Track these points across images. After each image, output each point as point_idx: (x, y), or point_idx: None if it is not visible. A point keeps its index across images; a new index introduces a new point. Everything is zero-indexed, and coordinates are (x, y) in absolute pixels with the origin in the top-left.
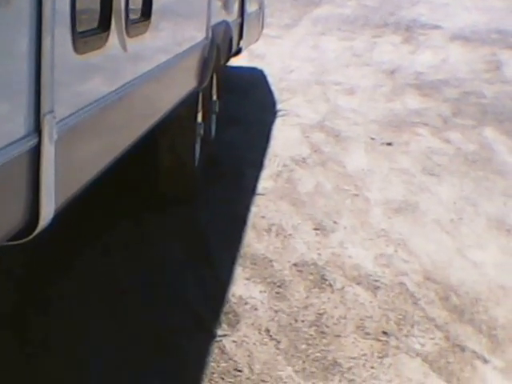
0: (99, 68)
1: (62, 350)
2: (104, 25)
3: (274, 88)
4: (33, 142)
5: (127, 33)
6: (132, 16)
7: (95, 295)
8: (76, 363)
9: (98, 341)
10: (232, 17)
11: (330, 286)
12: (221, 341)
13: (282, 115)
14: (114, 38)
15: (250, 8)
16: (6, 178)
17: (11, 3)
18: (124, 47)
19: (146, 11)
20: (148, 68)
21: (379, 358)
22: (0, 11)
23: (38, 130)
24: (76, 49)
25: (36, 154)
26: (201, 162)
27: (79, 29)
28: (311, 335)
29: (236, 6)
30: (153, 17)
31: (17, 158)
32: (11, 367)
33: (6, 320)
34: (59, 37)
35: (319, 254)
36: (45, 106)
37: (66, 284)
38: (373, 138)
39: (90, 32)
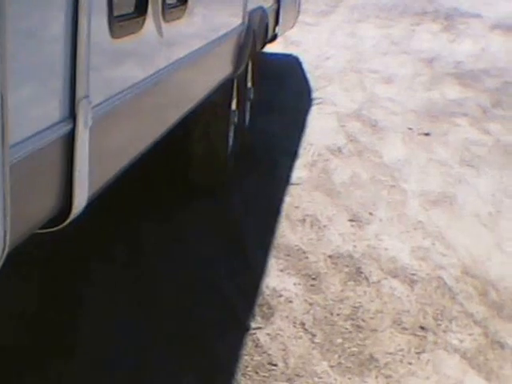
0: (135, 53)
1: (94, 348)
2: (140, 9)
3: (309, 75)
4: (67, 127)
5: (163, 18)
6: (169, 0)
7: (128, 286)
8: (108, 361)
9: (131, 335)
10: (268, 2)
11: (366, 279)
12: (255, 334)
13: (318, 103)
14: (150, 22)
15: None
16: (40, 163)
17: None
18: (160, 32)
19: None
20: (183, 54)
21: (416, 353)
22: None
23: (72, 115)
24: (112, 33)
25: (70, 139)
26: (234, 150)
27: (116, 13)
28: (347, 329)
29: None
30: (189, 2)
31: (51, 144)
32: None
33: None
34: (95, 21)
35: (355, 246)
36: (80, 91)
37: (95, 273)
38: (410, 128)
39: (127, 16)
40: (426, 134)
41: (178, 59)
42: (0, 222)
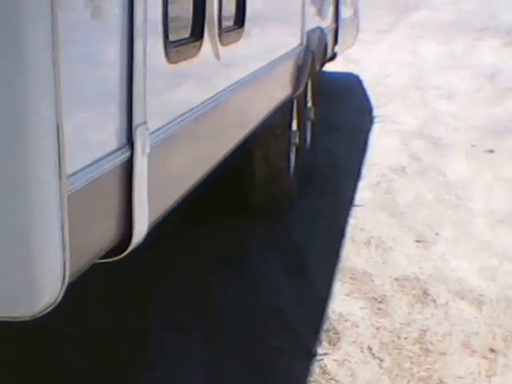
0: (192, 77)
1: (164, 372)
2: (197, 34)
3: (370, 93)
4: (125, 155)
5: (220, 41)
6: (225, 24)
7: (188, 309)
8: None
9: (195, 361)
10: (327, 22)
11: (433, 301)
12: (322, 360)
13: (380, 121)
14: (206, 46)
15: (345, 13)
16: (98, 193)
17: (103, 14)
18: (217, 56)
19: (240, 19)
20: (242, 76)
21: (487, 376)
22: (92, 22)
23: (130, 142)
24: (168, 58)
25: (128, 167)
26: (296, 171)
27: (171, 38)
28: (415, 353)
29: (330, 12)
30: (246, 24)
31: (109, 173)
32: None
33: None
34: (151, 47)
35: (421, 268)
36: (137, 118)
37: (156, 294)
38: (474, 145)
39: (183, 41)
40: (491, 151)
41: (236, 81)
42: (59, 254)
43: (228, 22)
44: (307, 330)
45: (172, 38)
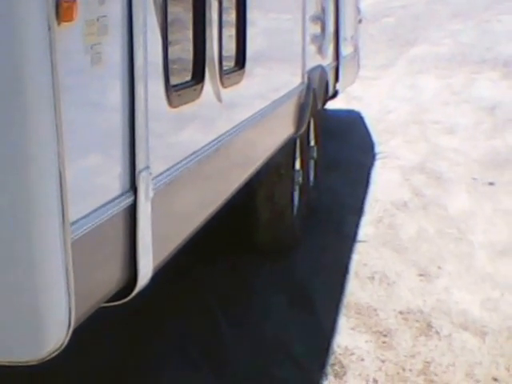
0: (194, 120)
1: None
2: (198, 77)
3: (372, 129)
4: (128, 200)
5: (222, 83)
6: (226, 65)
7: (196, 346)
8: None
9: None
10: (327, 60)
11: (437, 333)
12: None
13: (382, 158)
14: (208, 89)
15: (345, 51)
16: (102, 238)
17: (103, 60)
18: (219, 98)
19: (240, 60)
20: (244, 117)
21: None
22: (92, 68)
23: (133, 187)
24: (170, 103)
25: (132, 212)
26: (300, 210)
27: (173, 82)
28: None
29: (331, 50)
30: (247, 65)
31: (112, 218)
32: None
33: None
34: (152, 92)
35: (424, 301)
36: (140, 163)
37: (165, 334)
38: (475, 178)
39: (184, 85)
40: (491, 184)
41: (238, 123)
42: (64, 300)
43: (229, 64)
44: (313, 364)
45: (173, 81)
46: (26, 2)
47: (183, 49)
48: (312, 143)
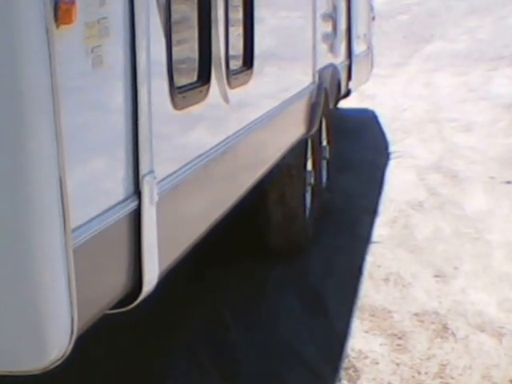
0: (200, 123)
1: None
2: (204, 78)
3: (386, 129)
4: (132, 205)
5: (229, 84)
6: (233, 66)
7: (206, 348)
8: None
9: None
10: (339, 59)
11: (453, 334)
12: None
13: (396, 157)
14: (214, 90)
15: (358, 49)
16: (106, 244)
17: (104, 62)
18: (226, 99)
19: (248, 59)
20: (252, 118)
21: None
22: (93, 71)
23: (137, 191)
24: (175, 105)
25: (136, 217)
26: (312, 211)
27: (177, 83)
28: None
29: (343, 48)
30: (255, 65)
31: (116, 223)
32: None
33: None
34: (156, 94)
35: (440, 302)
36: (144, 167)
37: (176, 336)
38: (492, 177)
39: (189, 86)
40: (508, 183)
41: (246, 124)
42: (66, 308)
43: (236, 64)
44: (326, 367)
45: (178, 83)
46: (23, 4)
47: (188, 49)
48: (324, 143)
